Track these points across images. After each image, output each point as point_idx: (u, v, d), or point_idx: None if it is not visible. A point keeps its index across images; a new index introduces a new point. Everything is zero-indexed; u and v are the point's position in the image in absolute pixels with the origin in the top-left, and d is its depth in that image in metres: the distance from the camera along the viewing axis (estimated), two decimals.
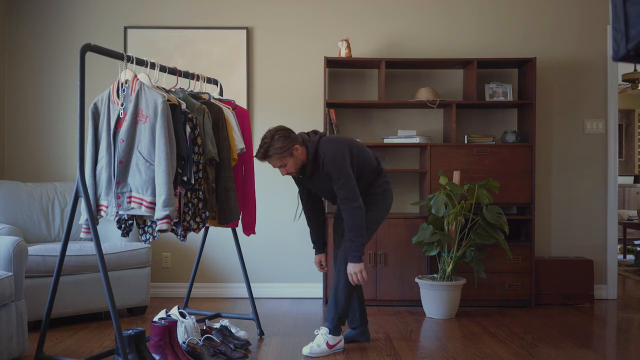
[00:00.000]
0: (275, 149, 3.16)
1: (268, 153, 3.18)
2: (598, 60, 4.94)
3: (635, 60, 1.23)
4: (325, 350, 3.27)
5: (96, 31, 4.91)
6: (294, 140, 3.21)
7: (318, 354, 3.25)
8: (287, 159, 3.20)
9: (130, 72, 3.00)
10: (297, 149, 3.21)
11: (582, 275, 4.67)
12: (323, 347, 3.27)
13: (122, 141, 2.94)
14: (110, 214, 3.01)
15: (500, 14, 4.96)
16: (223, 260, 4.92)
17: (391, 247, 4.53)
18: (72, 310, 3.87)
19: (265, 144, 3.17)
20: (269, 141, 3.17)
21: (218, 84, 3.89)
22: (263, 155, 3.19)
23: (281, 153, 3.16)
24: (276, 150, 3.16)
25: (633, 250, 7.87)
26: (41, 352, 3.00)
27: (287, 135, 3.19)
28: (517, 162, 4.59)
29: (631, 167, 10.07)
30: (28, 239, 4.22)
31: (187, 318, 3.27)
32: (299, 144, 3.23)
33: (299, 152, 3.22)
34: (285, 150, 3.16)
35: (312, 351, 3.25)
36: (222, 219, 3.41)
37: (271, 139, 3.17)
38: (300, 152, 3.23)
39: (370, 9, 4.95)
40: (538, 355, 3.30)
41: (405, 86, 4.93)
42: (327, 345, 3.28)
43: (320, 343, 3.28)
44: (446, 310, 4.19)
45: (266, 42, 4.94)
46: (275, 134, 3.18)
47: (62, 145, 4.91)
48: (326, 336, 3.30)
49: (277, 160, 3.20)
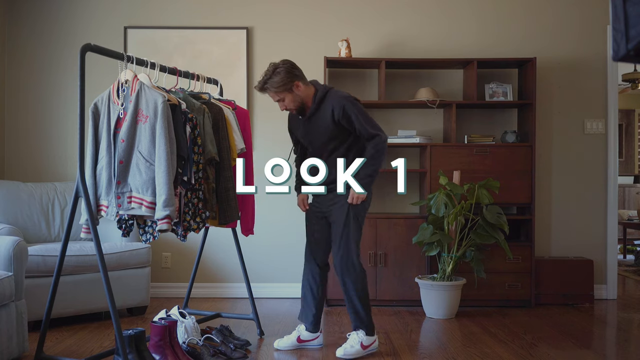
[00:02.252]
0: (273, 82, 3.06)
1: (265, 85, 3.10)
2: (598, 60, 4.94)
3: (635, 60, 1.23)
4: (360, 351, 3.23)
5: (96, 31, 4.91)
6: (297, 76, 3.10)
7: (352, 355, 3.21)
8: (285, 94, 3.10)
9: (130, 72, 3.00)
10: (298, 86, 3.10)
11: (582, 275, 4.67)
12: (357, 348, 3.23)
13: (122, 141, 2.94)
14: (111, 214, 3.01)
15: (500, 14, 4.96)
16: (223, 260, 4.92)
17: (391, 247, 4.53)
18: (72, 310, 3.87)
19: (266, 75, 3.09)
20: (270, 74, 3.07)
21: (218, 84, 3.89)
22: (260, 87, 3.11)
23: (278, 87, 3.06)
24: (274, 84, 3.06)
25: (633, 250, 7.87)
26: (41, 352, 3.00)
27: (289, 71, 3.08)
28: (517, 162, 4.59)
29: (631, 167, 10.07)
30: (28, 239, 4.22)
31: (187, 318, 3.27)
32: (303, 81, 3.12)
33: (300, 89, 3.11)
34: (284, 85, 3.06)
35: (346, 353, 3.20)
36: (222, 219, 3.41)
37: (272, 71, 3.08)
38: (302, 90, 3.12)
39: (370, 9, 4.95)
40: (538, 355, 3.30)
41: (405, 86, 4.93)
42: (361, 345, 3.24)
43: (354, 344, 3.24)
44: (446, 310, 4.19)
45: (266, 42, 4.94)
46: (278, 67, 3.08)
47: (62, 145, 4.91)
48: (362, 337, 3.25)
49: (274, 95, 3.11)
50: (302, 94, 3.14)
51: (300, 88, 3.12)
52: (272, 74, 3.07)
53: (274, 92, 3.11)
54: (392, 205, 4.95)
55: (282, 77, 3.06)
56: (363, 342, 3.24)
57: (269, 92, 3.13)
